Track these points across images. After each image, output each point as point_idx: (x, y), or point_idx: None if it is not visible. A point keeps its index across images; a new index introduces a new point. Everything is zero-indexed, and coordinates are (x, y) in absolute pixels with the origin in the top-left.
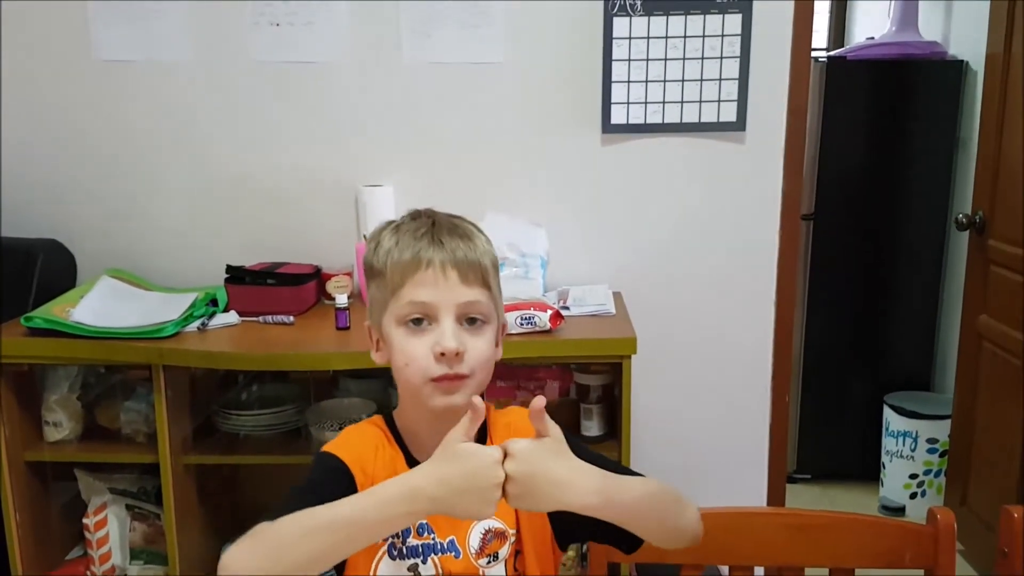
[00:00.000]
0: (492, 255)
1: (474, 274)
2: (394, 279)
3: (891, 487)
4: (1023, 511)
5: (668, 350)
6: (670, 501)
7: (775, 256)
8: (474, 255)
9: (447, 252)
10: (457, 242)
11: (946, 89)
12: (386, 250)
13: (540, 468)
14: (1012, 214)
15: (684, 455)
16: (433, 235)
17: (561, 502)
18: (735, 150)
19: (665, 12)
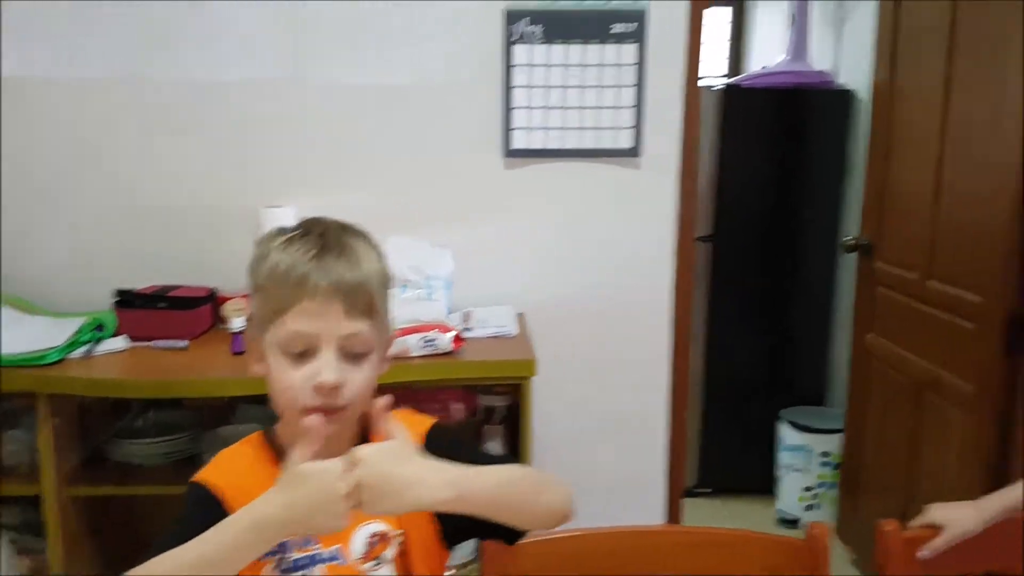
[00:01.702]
0: (382, 273)
1: (360, 303)
2: (277, 301)
3: (787, 500)
4: (896, 525)
5: (570, 370)
6: (531, 485)
7: (671, 277)
8: (362, 280)
9: (334, 279)
10: (345, 266)
11: (836, 117)
12: (271, 266)
13: (389, 471)
14: (897, 238)
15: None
16: (321, 257)
17: (415, 502)
18: (632, 175)
19: (564, 41)
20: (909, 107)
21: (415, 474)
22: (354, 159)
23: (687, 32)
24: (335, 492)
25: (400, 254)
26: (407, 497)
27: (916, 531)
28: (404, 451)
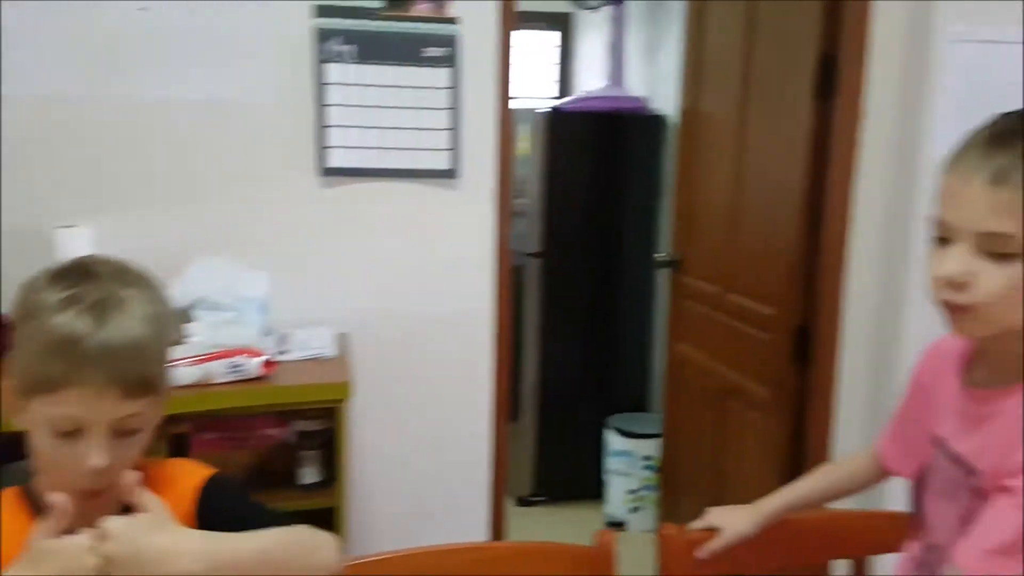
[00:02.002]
0: (161, 331)
1: (140, 383)
2: (48, 375)
3: (613, 503)
4: (676, 529)
5: (394, 389)
6: (299, 546)
7: (492, 296)
8: (141, 356)
9: (111, 365)
10: (123, 342)
11: (651, 140)
12: (44, 333)
13: (139, 544)
14: (702, 255)
15: (412, 494)
16: (98, 330)
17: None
18: (450, 196)
19: (378, 61)
20: (711, 133)
21: (167, 547)
22: (162, 177)
23: (498, 56)
24: (82, 568)
25: (210, 276)
26: (157, 571)
27: (696, 534)
28: (156, 523)
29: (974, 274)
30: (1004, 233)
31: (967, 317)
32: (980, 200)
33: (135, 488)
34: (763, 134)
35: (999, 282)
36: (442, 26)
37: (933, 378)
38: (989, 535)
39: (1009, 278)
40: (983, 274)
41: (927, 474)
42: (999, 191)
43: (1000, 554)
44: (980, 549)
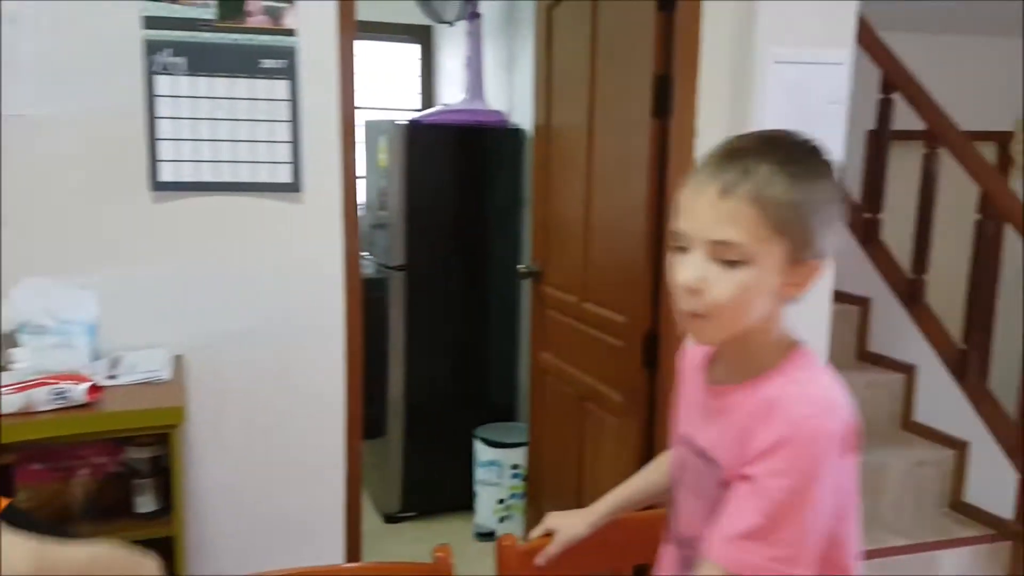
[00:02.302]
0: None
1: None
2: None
3: (483, 514)
4: (512, 540)
5: (240, 412)
6: (122, 559)
7: (342, 311)
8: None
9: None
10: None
11: (510, 153)
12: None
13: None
14: (560, 265)
15: (263, 519)
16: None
17: None
18: (294, 210)
19: (211, 73)
20: (563, 147)
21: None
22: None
23: (339, 68)
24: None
25: (34, 298)
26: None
27: (534, 542)
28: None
29: (707, 280)
30: (731, 241)
31: (703, 323)
32: (710, 211)
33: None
34: (609, 149)
35: (729, 288)
36: (279, 38)
37: (683, 380)
38: (733, 523)
39: (737, 284)
40: (715, 280)
41: (678, 470)
42: (725, 202)
43: (745, 539)
44: (726, 537)
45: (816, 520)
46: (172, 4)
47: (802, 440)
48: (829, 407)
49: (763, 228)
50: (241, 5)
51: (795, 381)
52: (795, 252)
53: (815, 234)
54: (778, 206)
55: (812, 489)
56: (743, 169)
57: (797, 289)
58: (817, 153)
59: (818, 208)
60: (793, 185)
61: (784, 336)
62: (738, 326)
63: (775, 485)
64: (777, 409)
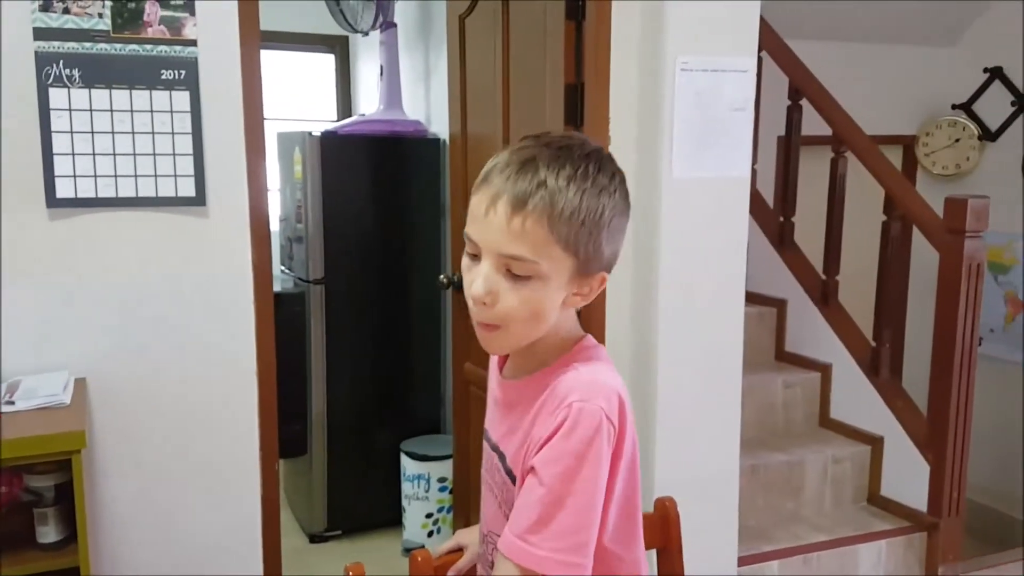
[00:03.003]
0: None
1: None
2: None
3: (411, 529)
4: (426, 554)
5: (148, 435)
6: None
7: (252, 328)
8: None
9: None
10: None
11: (430, 163)
12: None
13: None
14: None
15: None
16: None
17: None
18: (199, 224)
19: (107, 85)
20: (480, 156)
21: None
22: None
23: (243, 79)
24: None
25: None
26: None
27: (447, 556)
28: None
29: (497, 293)
30: (521, 256)
31: (495, 334)
32: (503, 224)
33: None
34: None
35: (517, 301)
36: (179, 48)
37: (489, 377)
38: (519, 517)
39: (525, 298)
40: (505, 293)
41: (483, 467)
42: (518, 218)
43: (530, 533)
44: (514, 532)
45: (593, 503)
46: (64, 15)
47: (571, 425)
48: (597, 390)
49: (553, 246)
50: (138, 16)
51: (573, 369)
52: (583, 266)
53: (602, 248)
54: (568, 224)
55: (584, 472)
56: (536, 182)
57: (583, 299)
58: (607, 164)
59: (606, 224)
60: (583, 202)
61: (571, 333)
62: (527, 336)
63: (549, 473)
64: (552, 398)
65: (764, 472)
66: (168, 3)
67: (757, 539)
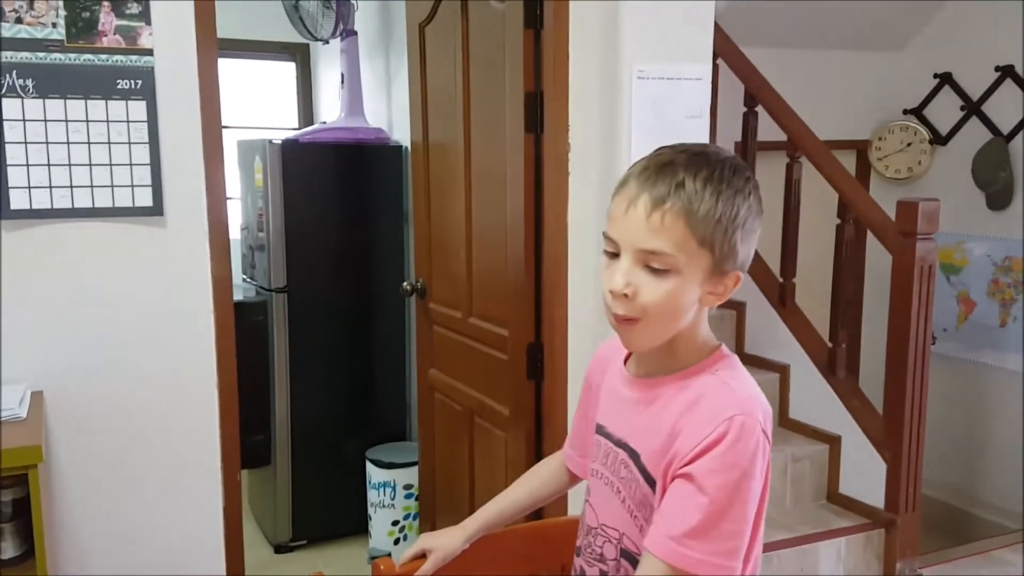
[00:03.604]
0: None
1: None
2: None
3: (378, 537)
4: (388, 562)
5: (109, 447)
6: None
7: (212, 338)
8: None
9: None
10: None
11: (392, 170)
12: None
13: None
14: (444, 280)
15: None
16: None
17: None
18: (157, 235)
19: (62, 96)
20: (441, 163)
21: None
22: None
23: (200, 87)
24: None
25: None
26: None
27: (409, 563)
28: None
29: (636, 286)
30: (660, 251)
31: (633, 328)
32: (641, 221)
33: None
34: (486, 165)
35: (656, 294)
36: (135, 58)
37: (600, 376)
38: (675, 521)
39: (664, 291)
40: (644, 287)
41: (596, 463)
42: (656, 214)
43: (688, 537)
44: (668, 535)
45: (751, 512)
46: (16, 24)
47: (734, 438)
48: (755, 405)
49: (690, 241)
50: (92, 25)
51: (722, 380)
52: (718, 264)
53: (737, 248)
54: (705, 221)
55: (746, 484)
56: (675, 183)
57: (718, 298)
58: (741, 171)
59: (740, 224)
60: (719, 202)
61: (708, 337)
62: (665, 332)
63: (713, 483)
64: (707, 408)
65: None
66: (123, 12)
67: None
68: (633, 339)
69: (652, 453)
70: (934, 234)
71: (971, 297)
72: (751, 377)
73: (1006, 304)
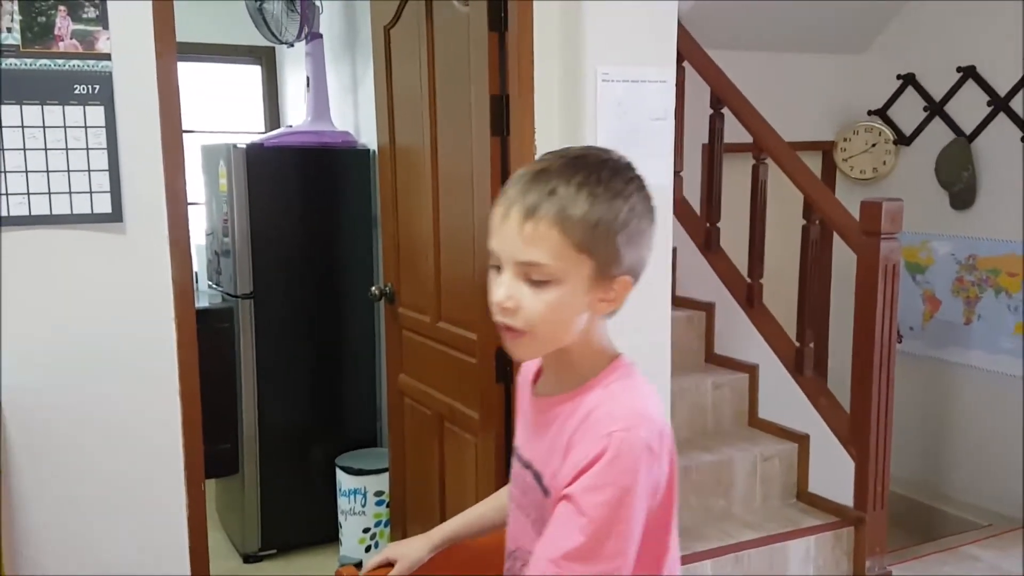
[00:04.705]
0: None
1: None
2: None
3: (348, 544)
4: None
5: (68, 459)
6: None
7: (174, 347)
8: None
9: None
10: None
11: (360, 174)
12: None
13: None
14: (412, 284)
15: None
16: None
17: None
18: (116, 241)
19: (18, 101)
20: (407, 166)
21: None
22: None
23: (159, 92)
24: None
25: None
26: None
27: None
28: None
29: (518, 299)
30: (536, 262)
31: (520, 339)
32: (516, 233)
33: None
34: (453, 168)
35: (539, 306)
36: (93, 62)
37: (518, 394)
38: (556, 543)
39: (547, 303)
40: (526, 299)
41: (511, 484)
42: (529, 225)
43: (568, 560)
44: (549, 558)
45: (635, 530)
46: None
47: (612, 456)
48: (638, 419)
49: (567, 248)
50: (48, 30)
51: (611, 394)
52: (602, 269)
53: (621, 252)
54: (580, 227)
55: (628, 501)
56: (547, 191)
57: (610, 305)
58: (622, 171)
59: (622, 226)
60: (594, 205)
61: (605, 348)
62: (554, 342)
63: (591, 502)
64: (592, 424)
65: (695, 472)
66: (80, 17)
67: (689, 539)
68: (519, 351)
69: (552, 474)
70: (898, 233)
71: (936, 296)
72: (647, 387)
73: (970, 302)
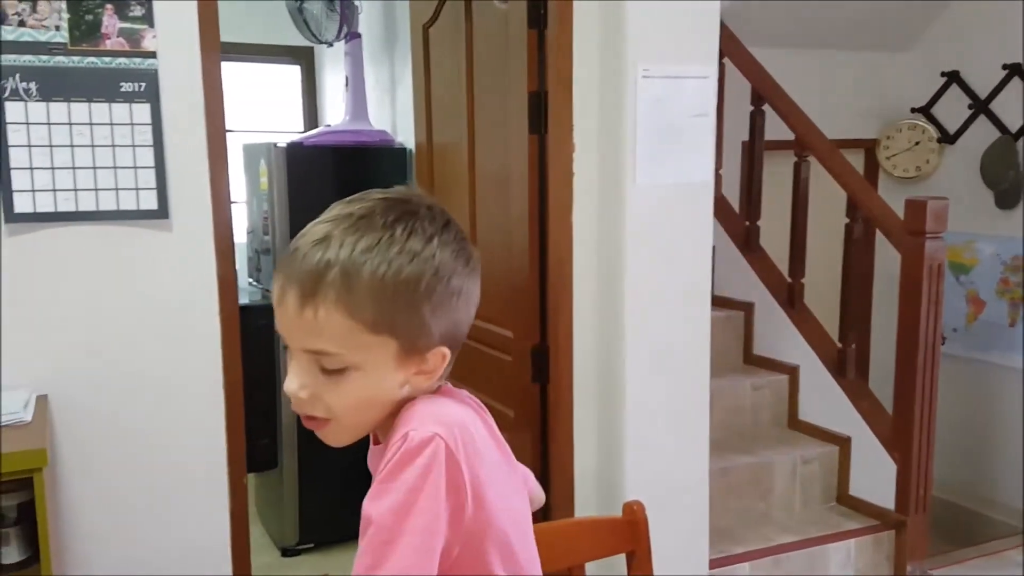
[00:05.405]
0: None
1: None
2: None
3: None
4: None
5: (111, 452)
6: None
7: (219, 342)
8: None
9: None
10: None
11: (396, 173)
12: None
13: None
14: None
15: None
16: None
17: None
18: (162, 238)
19: (65, 98)
20: (445, 165)
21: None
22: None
23: (204, 90)
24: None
25: None
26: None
27: None
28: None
29: (312, 389)
30: (324, 351)
31: (326, 428)
32: (295, 319)
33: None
34: (490, 166)
35: (340, 398)
36: (139, 60)
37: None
38: (357, 566)
39: (347, 393)
40: (323, 389)
41: None
42: (308, 311)
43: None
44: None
45: (430, 541)
46: (20, 28)
47: (403, 455)
48: (431, 419)
49: (358, 333)
50: (96, 28)
51: (409, 406)
52: (409, 346)
53: (428, 323)
54: (371, 306)
55: (420, 503)
56: (323, 265)
57: (428, 376)
58: (421, 231)
59: (425, 296)
60: (387, 275)
61: (432, 396)
62: (368, 426)
63: (379, 509)
64: (392, 441)
65: (734, 474)
66: (127, 15)
67: (727, 541)
68: (329, 439)
69: None
70: (943, 233)
71: (980, 297)
72: (457, 399)
73: (1015, 304)
